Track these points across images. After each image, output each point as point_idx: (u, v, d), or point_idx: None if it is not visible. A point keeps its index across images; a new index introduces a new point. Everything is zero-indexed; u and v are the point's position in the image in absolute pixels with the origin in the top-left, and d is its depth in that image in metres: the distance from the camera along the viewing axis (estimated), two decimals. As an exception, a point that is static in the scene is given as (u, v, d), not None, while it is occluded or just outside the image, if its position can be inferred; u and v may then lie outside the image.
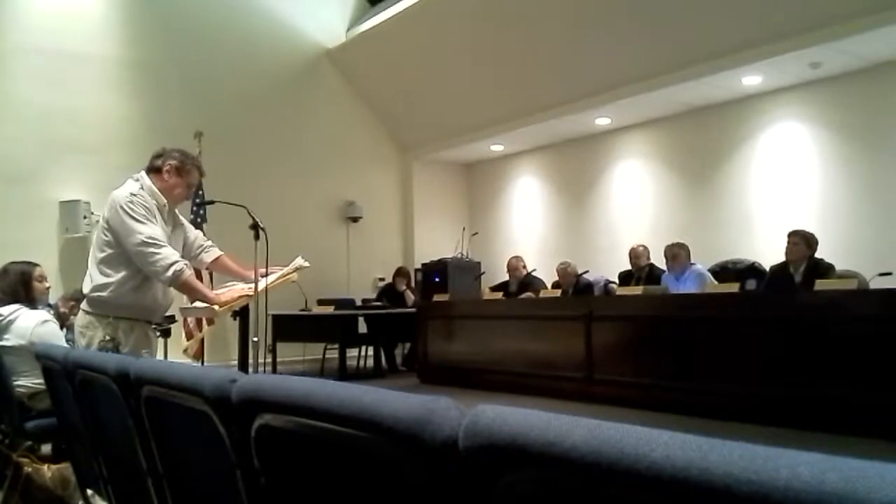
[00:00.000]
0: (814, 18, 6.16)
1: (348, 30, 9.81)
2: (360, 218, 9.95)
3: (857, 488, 0.44)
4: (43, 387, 3.64)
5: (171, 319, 3.52)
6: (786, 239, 5.73)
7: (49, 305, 4.90)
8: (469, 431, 0.71)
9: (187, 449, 1.44)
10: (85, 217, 7.55)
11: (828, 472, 0.46)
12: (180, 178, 3.26)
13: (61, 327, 4.59)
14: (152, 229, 3.05)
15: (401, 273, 9.27)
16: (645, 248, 7.02)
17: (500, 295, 7.56)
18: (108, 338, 3.00)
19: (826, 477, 0.46)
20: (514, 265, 8.12)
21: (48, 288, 4.01)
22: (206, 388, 1.17)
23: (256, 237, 3.37)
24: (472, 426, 0.71)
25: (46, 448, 3.77)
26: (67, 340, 4.27)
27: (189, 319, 7.29)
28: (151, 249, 3.00)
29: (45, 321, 3.73)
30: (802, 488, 0.46)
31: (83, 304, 3.20)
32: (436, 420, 0.76)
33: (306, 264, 3.47)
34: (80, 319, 3.18)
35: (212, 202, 3.84)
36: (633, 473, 0.56)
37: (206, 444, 1.26)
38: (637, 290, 6.24)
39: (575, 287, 7.23)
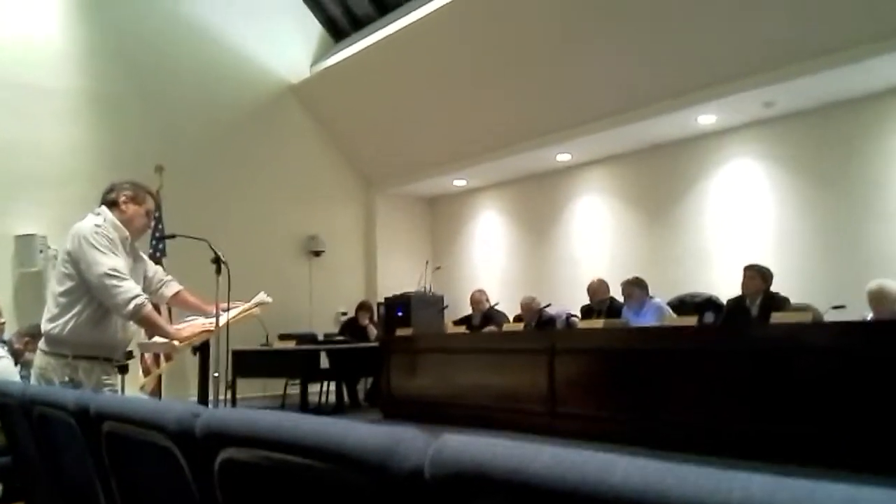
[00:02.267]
0: (767, 59, 6.36)
1: (312, 65, 9.86)
2: (323, 252, 9.92)
3: (805, 507, 0.47)
4: (-5, 425, 3.55)
5: (130, 355, 3.46)
6: (742, 273, 5.84)
7: (3, 341, 4.79)
8: (435, 460, 0.73)
9: (148, 485, 1.42)
10: (41, 251, 7.41)
11: (778, 493, 0.49)
12: (138, 206, 3.24)
13: (16, 363, 4.49)
14: (115, 261, 3.02)
15: (363, 307, 9.24)
16: (602, 281, 7.08)
17: (463, 329, 7.57)
18: (67, 379, 2.94)
19: (776, 497, 0.48)
20: (477, 298, 8.15)
21: (3, 324, 3.92)
22: (168, 423, 1.17)
23: (218, 271, 3.35)
24: (438, 455, 0.72)
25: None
26: (22, 377, 4.17)
27: (147, 355, 7.13)
28: (114, 282, 2.96)
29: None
30: (754, 508, 0.49)
31: (41, 344, 3.13)
32: (402, 450, 0.77)
33: (268, 300, 3.45)
34: (38, 360, 3.10)
35: (173, 236, 3.81)
36: (594, 498, 0.57)
37: (167, 479, 1.25)
38: (598, 323, 6.29)
39: (538, 321, 7.27)
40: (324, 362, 8.34)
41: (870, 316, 5.13)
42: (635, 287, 6.50)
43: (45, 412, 1.75)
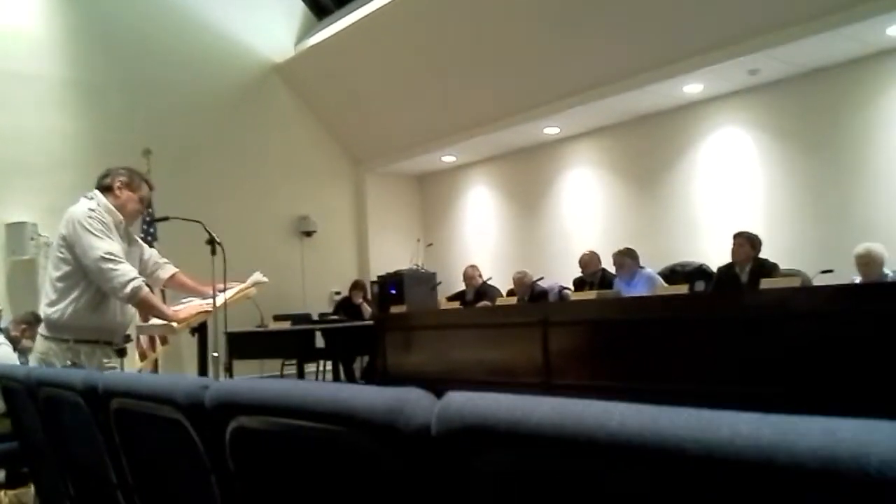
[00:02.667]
0: (750, 27, 6.38)
1: (296, 44, 9.81)
2: (315, 232, 9.93)
3: (787, 438, 0.51)
4: (-3, 411, 3.58)
5: (128, 338, 3.49)
6: (731, 241, 5.90)
7: (0, 329, 4.81)
8: (441, 417, 0.76)
9: (159, 459, 1.46)
10: (32, 239, 7.40)
11: (763, 428, 0.53)
12: (132, 192, 3.26)
13: (14, 350, 4.52)
14: (110, 245, 3.04)
15: (357, 286, 9.27)
16: (593, 254, 7.13)
17: (456, 304, 7.62)
18: (69, 363, 2.97)
19: (762, 432, 0.52)
20: (470, 274, 8.19)
21: (0, 311, 3.95)
22: (178, 396, 1.20)
23: (213, 252, 3.37)
24: (444, 412, 0.76)
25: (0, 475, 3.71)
26: (20, 364, 4.20)
27: (142, 338, 7.18)
28: (110, 265, 2.99)
29: (-2, 344, 3.68)
30: (742, 443, 0.53)
31: (41, 329, 3.16)
32: (408, 409, 0.81)
33: (264, 279, 3.48)
34: (39, 345, 3.14)
35: (166, 218, 3.81)
36: (593, 442, 0.61)
37: (178, 452, 1.29)
38: (590, 295, 6.35)
39: (530, 294, 7.32)
40: (319, 342, 8.37)
41: (858, 279, 5.21)
42: (627, 257, 6.55)
43: (52, 393, 1.79)
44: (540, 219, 9.41)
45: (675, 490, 0.57)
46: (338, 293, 9.85)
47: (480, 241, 10.13)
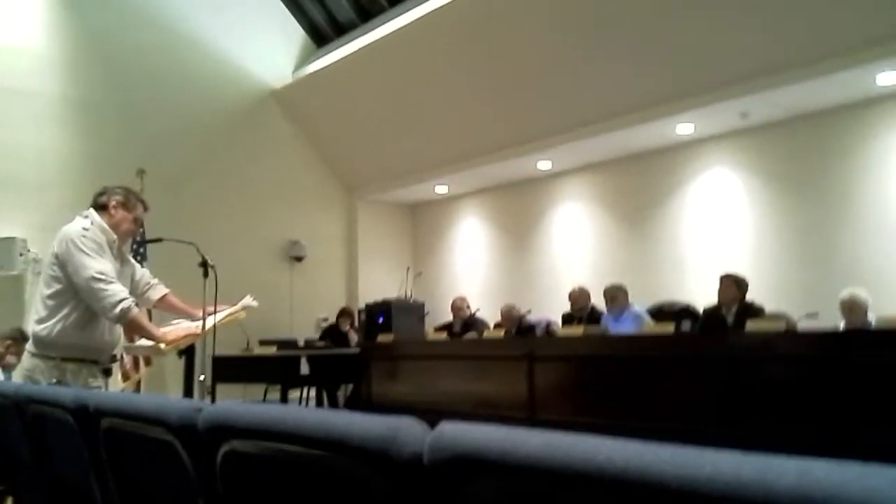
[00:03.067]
0: (743, 71, 6.51)
1: (294, 70, 9.90)
2: (304, 257, 9.94)
3: (766, 478, 0.54)
4: (-22, 427, 3.55)
5: (114, 358, 3.48)
6: (718, 281, 5.95)
7: (-17, 345, 4.78)
8: (433, 446, 0.79)
9: (146, 480, 1.47)
10: (21, 254, 7.38)
11: (743, 466, 0.56)
12: (127, 212, 3.28)
13: (-2, 366, 4.49)
14: (102, 264, 3.05)
15: (344, 313, 9.25)
16: (582, 289, 7.16)
17: (444, 335, 7.62)
18: (54, 381, 2.96)
19: (742, 470, 0.55)
20: (458, 305, 8.20)
21: (-14, 326, 3.93)
22: (171, 418, 1.22)
23: (206, 275, 3.38)
24: (437, 441, 0.79)
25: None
26: (4, 380, 4.17)
27: (126, 359, 7.14)
28: (101, 285, 3.00)
29: (-17, 360, 3.66)
30: (722, 479, 0.55)
31: (28, 346, 3.16)
32: (401, 437, 0.83)
33: (254, 303, 3.49)
34: (25, 362, 3.13)
35: (160, 240, 3.83)
36: (580, 475, 0.64)
37: (167, 473, 1.30)
38: (577, 330, 6.37)
39: (518, 328, 7.34)
40: (304, 368, 8.33)
41: (842, 324, 5.26)
42: (619, 291, 6.60)
43: (41, 410, 1.79)
44: (530, 252, 9.47)
45: (657, 524, 0.60)
46: (325, 320, 9.83)
47: (470, 272, 10.17)
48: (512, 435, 0.72)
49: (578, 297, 7.11)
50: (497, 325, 7.66)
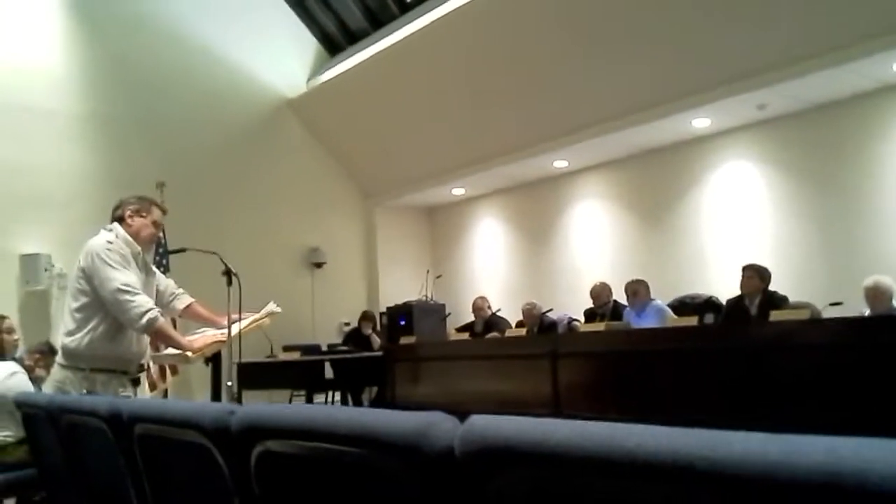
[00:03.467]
0: (759, 63, 6.46)
1: (309, 80, 9.96)
2: (325, 263, 10.00)
3: (792, 457, 0.55)
4: (11, 439, 3.62)
5: (142, 368, 3.54)
6: (740, 273, 5.92)
7: (14, 358, 4.85)
8: (465, 439, 0.80)
9: (181, 484, 1.50)
10: (46, 270, 7.48)
11: (772, 446, 0.57)
12: (143, 218, 3.33)
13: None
14: (127, 276, 3.10)
15: (366, 317, 9.29)
16: (604, 285, 7.15)
17: (465, 336, 7.63)
18: (84, 392, 3.01)
19: (770, 449, 0.56)
20: (479, 305, 8.21)
21: (17, 340, 4.00)
22: (204, 421, 1.24)
23: (229, 283, 3.42)
24: (468, 434, 0.80)
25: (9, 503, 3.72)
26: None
27: (153, 369, 7.22)
28: (127, 297, 3.04)
29: (14, 373, 3.73)
30: (751, 460, 0.57)
31: (58, 358, 3.21)
32: (433, 432, 0.85)
33: (278, 309, 3.53)
34: (56, 374, 3.19)
35: (183, 250, 3.87)
36: (611, 462, 0.65)
37: (202, 476, 1.32)
38: (599, 326, 6.37)
39: (539, 326, 7.34)
40: (328, 373, 8.39)
41: (867, 312, 5.22)
42: (640, 285, 6.58)
43: (75, 420, 1.83)
44: (549, 251, 9.46)
45: (689, 505, 0.61)
46: (347, 324, 9.89)
47: (489, 272, 10.17)
48: (542, 426, 0.74)
49: (600, 293, 7.10)
50: (519, 324, 7.66)
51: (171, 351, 3.37)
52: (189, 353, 3.25)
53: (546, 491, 0.74)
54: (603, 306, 7.05)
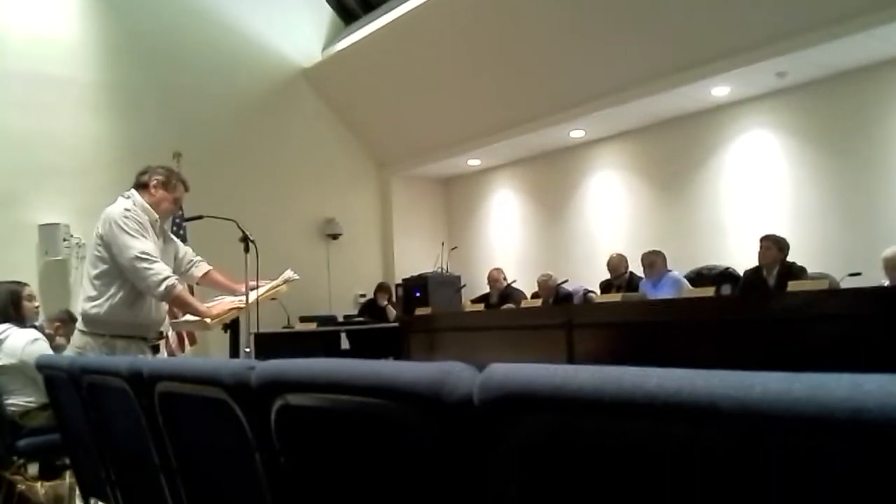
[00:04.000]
0: (778, 30, 6.36)
1: (324, 49, 9.91)
2: (340, 235, 10.02)
3: (817, 393, 0.54)
4: (34, 404, 3.68)
5: (161, 334, 3.58)
6: (758, 244, 5.88)
7: (34, 326, 4.92)
8: (483, 387, 0.80)
9: (202, 440, 1.51)
10: (65, 240, 7.55)
11: (794, 383, 0.56)
12: (167, 192, 3.35)
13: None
14: (145, 244, 3.12)
15: (382, 288, 9.32)
16: (621, 256, 7.14)
17: (481, 307, 7.64)
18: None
19: (793, 387, 0.56)
20: (494, 277, 8.22)
21: (37, 307, 4.05)
22: (224, 377, 1.25)
23: (247, 249, 3.44)
24: (486, 381, 0.80)
25: (32, 469, 3.80)
26: (56, 359, 4.29)
27: (171, 337, 7.29)
28: (144, 265, 3.07)
29: (36, 339, 3.77)
30: (774, 397, 0.56)
31: (79, 324, 3.26)
32: (451, 380, 0.85)
33: (296, 276, 3.55)
34: (76, 340, 3.23)
35: (200, 217, 3.89)
36: (632, 403, 0.65)
37: (222, 432, 1.34)
38: (616, 297, 6.35)
39: (555, 297, 7.33)
40: (344, 343, 8.46)
41: (886, 282, 5.17)
42: (657, 256, 6.56)
43: (96, 380, 1.85)
44: (565, 222, 9.43)
45: (709, 445, 0.61)
46: (363, 296, 9.93)
47: (505, 244, 10.16)
48: (561, 371, 0.73)
49: (617, 265, 7.08)
50: (534, 296, 7.66)
51: (189, 318, 3.40)
52: (207, 320, 3.29)
53: (566, 436, 0.74)
54: (619, 278, 7.03)
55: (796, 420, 0.54)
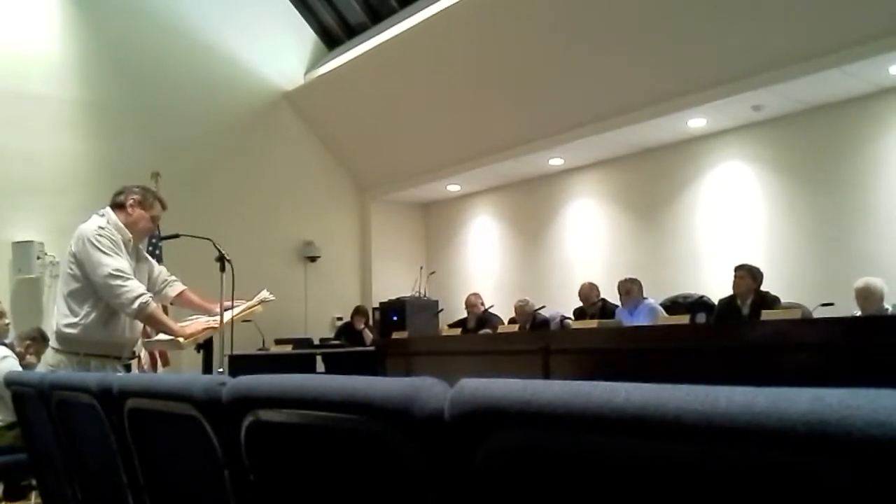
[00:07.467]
0: (754, 64, 6.48)
1: (306, 73, 9.95)
2: (318, 257, 9.99)
3: (779, 406, 0.55)
4: (0, 423, 3.61)
5: (134, 353, 3.53)
6: (732, 273, 5.94)
7: (5, 343, 4.83)
8: (454, 401, 0.81)
9: (171, 457, 1.50)
10: (38, 258, 7.46)
11: (758, 397, 0.57)
12: (144, 210, 3.33)
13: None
14: (119, 262, 3.09)
15: (359, 312, 9.28)
16: (592, 285, 7.18)
17: (458, 332, 7.63)
18: None
19: (756, 401, 0.57)
20: (472, 301, 8.21)
21: (8, 324, 3.99)
22: (195, 392, 1.24)
23: (223, 269, 3.42)
24: (457, 396, 0.80)
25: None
26: (25, 378, 4.21)
27: (143, 356, 7.19)
28: (118, 282, 3.04)
29: (5, 357, 3.73)
30: (738, 411, 0.57)
31: (52, 342, 3.21)
32: (422, 395, 0.85)
33: (271, 297, 3.53)
34: (49, 358, 3.19)
35: (176, 235, 3.87)
36: (600, 417, 0.66)
37: (191, 448, 1.32)
38: (592, 323, 6.37)
39: (532, 323, 7.34)
40: (320, 366, 8.39)
41: (858, 313, 5.24)
42: (633, 284, 6.60)
43: (66, 397, 1.82)
44: (543, 249, 9.47)
45: (676, 458, 0.62)
46: (340, 319, 9.88)
47: (483, 269, 10.18)
48: (531, 386, 0.74)
49: (588, 293, 7.13)
50: (511, 321, 7.66)
51: (162, 337, 3.37)
52: (181, 339, 3.25)
53: (537, 450, 0.75)
54: (592, 306, 7.07)
55: (759, 434, 0.55)
